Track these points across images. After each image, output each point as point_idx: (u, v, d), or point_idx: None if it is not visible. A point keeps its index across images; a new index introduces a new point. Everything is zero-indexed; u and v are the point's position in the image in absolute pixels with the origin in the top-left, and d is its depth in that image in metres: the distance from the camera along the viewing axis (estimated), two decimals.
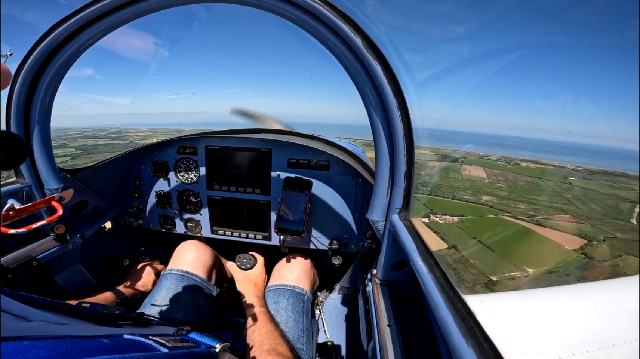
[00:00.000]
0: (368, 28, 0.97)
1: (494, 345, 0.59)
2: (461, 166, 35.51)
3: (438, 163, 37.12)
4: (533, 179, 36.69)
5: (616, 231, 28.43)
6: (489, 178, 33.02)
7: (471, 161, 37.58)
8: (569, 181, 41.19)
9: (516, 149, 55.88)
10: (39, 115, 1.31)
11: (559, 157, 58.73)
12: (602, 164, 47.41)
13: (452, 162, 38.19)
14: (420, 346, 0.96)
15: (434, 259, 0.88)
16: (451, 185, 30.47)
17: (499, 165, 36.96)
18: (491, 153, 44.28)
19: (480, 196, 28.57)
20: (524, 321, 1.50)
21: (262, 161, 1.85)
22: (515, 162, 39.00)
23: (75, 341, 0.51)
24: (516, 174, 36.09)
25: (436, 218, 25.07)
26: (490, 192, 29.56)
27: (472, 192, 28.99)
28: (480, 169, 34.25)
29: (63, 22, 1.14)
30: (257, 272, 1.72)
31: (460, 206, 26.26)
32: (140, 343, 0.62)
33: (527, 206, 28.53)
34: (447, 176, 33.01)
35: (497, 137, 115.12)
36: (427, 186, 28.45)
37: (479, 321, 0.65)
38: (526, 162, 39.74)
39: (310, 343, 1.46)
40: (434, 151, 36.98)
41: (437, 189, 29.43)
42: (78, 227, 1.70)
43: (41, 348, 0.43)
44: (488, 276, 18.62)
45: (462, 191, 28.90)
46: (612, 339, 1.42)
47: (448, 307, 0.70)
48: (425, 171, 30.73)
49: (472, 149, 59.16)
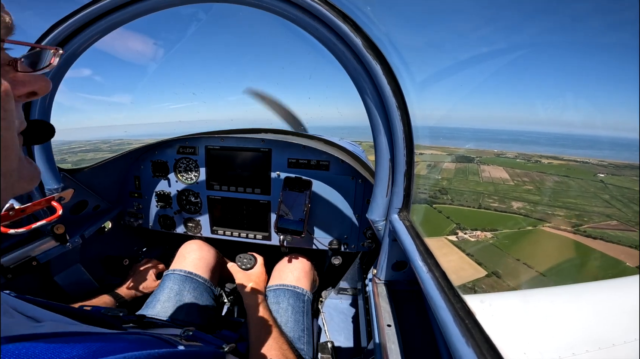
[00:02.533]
0: (368, 28, 0.97)
1: (493, 345, 0.59)
2: (479, 167, 31.74)
3: (453, 165, 32.96)
4: (561, 179, 32.85)
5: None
6: (513, 179, 29.02)
7: (488, 159, 33.58)
8: (600, 179, 35.32)
9: (530, 144, 51.49)
10: (38, 115, 1.31)
11: (578, 152, 51.99)
12: (624, 156, 40.74)
13: (468, 162, 33.63)
14: (420, 346, 0.96)
15: (434, 259, 0.88)
16: (473, 190, 26.29)
17: (518, 163, 32.65)
18: (506, 150, 39.06)
19: (510, 202, 24.55)
20: (524, 321, 1.50)
21: (262, 161, 1.85)
22: (535, 159, 34.45)
23: (103, 337, 0.51)
24: (541, 174, 32.10)
25: (466, 235, 19.98)
26: (519, 197, 25.52)
27: (499, 198, 24.72)
28: (500, 169, 30.37)
29: (62, 22, 1.14)
30: (258, 272, 1.72)
31: (490, 217, 21.58)
32: (160, 338, 0.63)
33: (566, 213, 24.43)
34: (467, 179, 29.13)
35: (508, 133, 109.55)
36: (447, 194, 24.99)
37: (479, 321, 0.65)
38: (547, 159, 35.18)
39: (310, 343, 1.46)
40: (445, 150, 33.29)
41: (460, 196, 25.25)
42: (78, 227, 1.70)
43: (74, 347, 0.43)
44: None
45: (488, 197, 24.65)
46: (612, 339, 1.42)
47: (448, 307, 0.70)
48: (441, 175, 27.49)
49: (484, 146, 55.56)
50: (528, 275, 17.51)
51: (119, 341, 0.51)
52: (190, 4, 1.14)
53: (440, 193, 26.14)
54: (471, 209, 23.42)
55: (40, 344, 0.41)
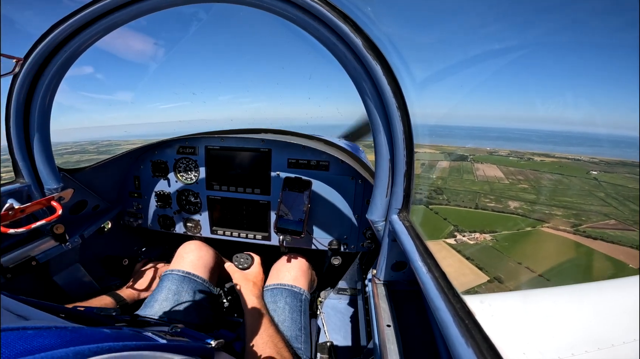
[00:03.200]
0: (368, 28, 0.97)
1: (493, 345, 0.59)
2: (473, 165, 30.77)
3: (447, 163, 32.01)
4: (555, 176, 32.09)
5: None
6: (508, 178, 28.54)
7: (481, 157, 32.71)
8: (593, 176, 34.76)
9: (521, 141, 50.32)
10: (38, 115, 1.31)
11: (569, 149, 51.11)
12: (615, 153, 39.99)
13: (462, 161, 32.78)
14: (419, 346, 0.96)
15: (434, 259, 0.88)
16: (469, 189, 25.44)
17: (512, 161, 32.37)
18: (497, 148, 38.26)
19: (506, 201, 23.69)
20: (523, 321, 1.50)
21: (262, 161, 1.85)
22: (527, 157, 34.19)
23: (79, 329, 0.51)
24: (535, 171, 31.23)
25: (464, 238, 18.99)
26: (515, 196, 24.82)
27: (496, 198, 23.88)
28: (494, 168, 29.67)
29: (63, 22, 1.14)
30: (255, 271, 1.72)
31: (488, 218, 20.80)
32: (140, 333, 0.63)
33: (563, 212, 23.38)
34: (461, 178, 28.17)
35: (498, 130, 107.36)
36: (442, 193, 24.01)
37: (479, 321, 0.65)
38: (539, 157, 34.63)
39: (308, 342, 1.46)
40: (439, 149, 31.85)
41: (455, 196, 24.26)
42: (77, 227, 1.70)
43: (46, 337, 0.43)
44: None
45: (484, 197, 23.76)
46: (611, 340, 1.42)
47: (447, 307, 0.70)
48: (436, 174, 26.57)
49: (476, 144, 54.41)
50: (532, 279, 16.98)
51: (95, 334, 0.51)
52: (190, 4, 1.14)
53: (436, 193, 25.42)
54: (469, 210, 22.77)
55: (13, 333, 0.42)
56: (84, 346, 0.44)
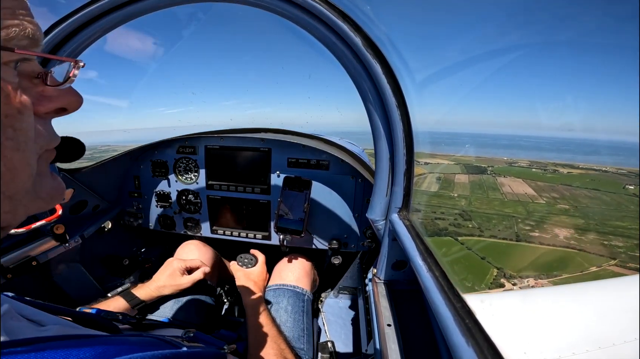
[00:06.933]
0: (368, 27, 0.96)
1: (493, 344, 0.58)
2: (495, 179, 24.42)
3: (466, 177, 25.74)
4: (592, 193, 24.80)
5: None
6: (541, 195, 22.15)
7: (501, 169, 26.17)
8: (632, 192, 25.84)
9: (535, 150, 43.63)
10: None
11: (588, 158, 41.59)
12: (633, 162, 34.43)
13: (481, 174, 26.50)
14: (420, 346, 0.96)
15: (434, 258, 0.88)
16: (501, 213, 19.15)
17: (536, 174, 25.84)
18: (516, 158, 30.67)
19: (551, 229, 18.06)
20: (524, 321, 1.50)
21: (262, 161, 1.85)
22: (551, 168, 27.83)
23: (107, 340, 0.52)
24: (567, 187, 24.96)
25: (515, 286, 12.76)
26: (560, 222, 19.20)
27: (537, 224, 17.83)
28: (520, 183, 23.48)
29: (62, 22, 1.14)
30: (258, 271, 1.72)
31: (537, 254, 15.14)
32: (163, 339, 0.63)
33: (624, 243, 16.58)
34: (487, 196, 21.76)
35: (507, 138, 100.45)
36: (470, 219, 17.88)
37: (479, 320, 0.64)
38: (563, 168, 27.91)
39: (310, 342, 1.46)
40: (450, 158, 26.73)
41: (487, 222, 17.92)
42: (77, 227, 1.70)
43: (81, 351, 0.44)
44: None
45: (522, 223, 17.80)
46: (612, 339, 1.42)
47: (448, 306, 0.70)
48: (457, 192, 21.56)
49: (490, 153, 47.73)
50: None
51: (122, 343, 0.51)
52: (190, 4, 1.14)
53: (463, 219, 19.54)
54: (509, 243, 16.33)
55: (51, 352, 0.42)
56: (119, 358, 0.45)
